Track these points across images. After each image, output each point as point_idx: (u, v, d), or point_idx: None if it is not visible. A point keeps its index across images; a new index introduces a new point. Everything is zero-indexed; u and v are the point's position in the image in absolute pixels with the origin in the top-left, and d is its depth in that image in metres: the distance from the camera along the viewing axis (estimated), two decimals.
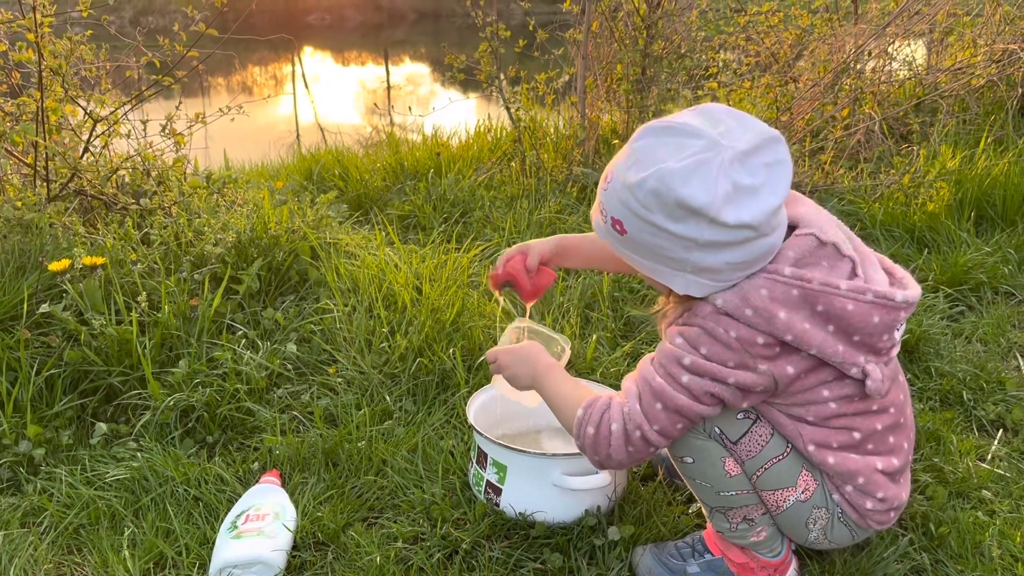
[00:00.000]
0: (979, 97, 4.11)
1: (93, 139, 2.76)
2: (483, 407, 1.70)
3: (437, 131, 4.56)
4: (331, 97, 10.14)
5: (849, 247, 1.17)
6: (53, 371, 1.94)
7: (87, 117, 2.73)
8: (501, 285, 1.55)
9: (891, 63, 4.23)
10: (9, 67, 2.67)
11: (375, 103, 8.34)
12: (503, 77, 3.75)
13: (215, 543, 1.49)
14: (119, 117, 2.76)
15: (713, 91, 3.97)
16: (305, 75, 12.02)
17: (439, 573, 1.43)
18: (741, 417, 1.23)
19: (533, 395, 1.49)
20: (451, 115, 4.37)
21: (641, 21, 3.51)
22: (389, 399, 1.98)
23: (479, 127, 4.52)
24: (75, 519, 1.61)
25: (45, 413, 1.89)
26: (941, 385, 2.03)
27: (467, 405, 1.68)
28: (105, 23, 2.79)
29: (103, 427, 1.86)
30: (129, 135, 2.86)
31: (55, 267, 2.10)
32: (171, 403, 1.87)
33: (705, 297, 1.16)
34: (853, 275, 1.16)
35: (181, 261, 2.39)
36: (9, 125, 2.51)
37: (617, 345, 2.22)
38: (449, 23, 22.18)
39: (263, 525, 1.48)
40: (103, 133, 2.77)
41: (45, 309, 2.02)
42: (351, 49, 18.32)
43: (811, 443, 1.22)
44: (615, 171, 1.14)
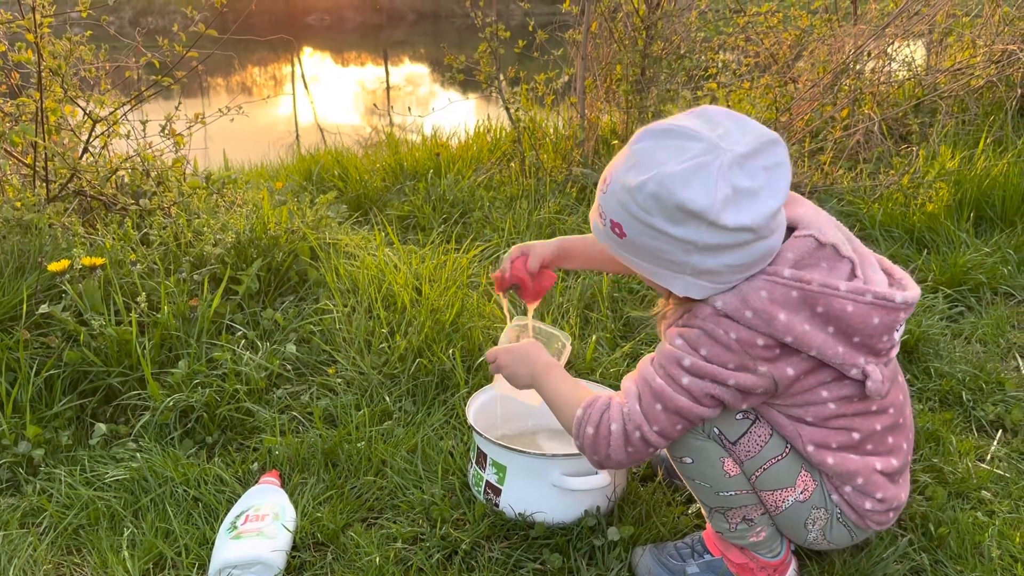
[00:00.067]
0: (978, 98, 4.11)
1: (92, 139, 2.76)
2: (483, 408, 1.70)
3: (436, 132, 4.56)
4: (330, 98, 10.15)
5: (848, 248, 1.17)
6: (52, 372, 1.94)
7: (86, 117, 2.73)
8: (507, 288, 1.56)
9: (890, 64, 4.23)
10: (8, 67, 2.67)
11: (374, 103, 8.34)
12: (502, 78, 3.75)
13: (214, 543, 1.49)
14: (118, 117, 2.76)
15: (712, 92, 3.97)
16: (304, 76, 12.03)
17: (438, 573, 1.44)
18: (740, 417, 1.23)
19: (534, 394, 1.49)
20: (450, 116, 4.37)
21: (640, 22, 3.51)
22: (389, 399, 1.98)
23: (478, 128, 4.52)
24: (74, 519, 1.61)
25: (44, 414, 1.89)
26: (940, 386, 2.03)
27: (467, 406, 1.68)
28: (104, 23, 2.79)
29: (102, 428, 1.86)
30: (128, 135, 2.86)
31: (54, 267, 2.10)
32: (170, 403, 1.87)
33: (705, 299, 1.16)
34: (852, 276, 1.16)
35: (180, 261, 2.39)
36: (8, 126, 2.51)
37: (616, 346, 2.22)
38: (448, 24, 22.19)
39: (262, 526, 1.48)
40: (102, 133, 2.77)
41: (44, 310, 2.02)
42: (350, 50, 18.33)
43: (810, 443, 1.22)
44: (614, 174, 1.14)
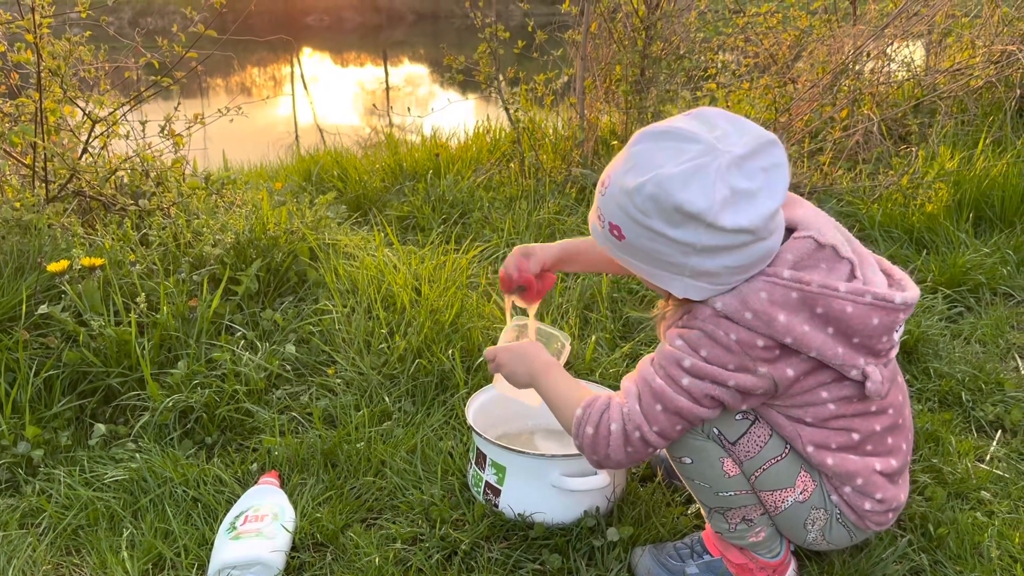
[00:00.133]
0: (977, 98, 4.11)
1: (92, 140, 2.76)
2: (482, 408, 1.70)
3: (436, 132, 4.56)
4: (330, 98, 10.15)
5: (848, 249, 1.17)
6: (52, 372, 1.94)
7: (86, 118, 2.73)
8: (512, 289, 1.56)
9: (890, 64, 4.23)
10: (8, 68, 2.67)
11: (374, 104, 8.34)
12: (502, 78, 3.75)
13: (214, 544, 1.49)
14: (118, 118, 2.76)
15: (712, 92, 3.97)
16: (304, 76, 12.03)
17: (438, 574, 1.44)
18: (740, 418, 1.23)
19: (535, 395, 1.49)
20: (450, 116, 4.37)
21: (640, 22, 3.51)
22: (388, 400, 1.98)
23: (478, 128, 4.52)
24: (74, 520, 1.61)
25: (44, 414, 1.89)
26: (940, 386, 2.03)
27: (466, 406, 1.68)
28: (104, 24, 2.78)
29: (102, 428, 1.86)
30: (128, 136, 2.86)
31: (54, 268, 2.10)
32: (170, 404, 1.87)
33: (704, 300, 1.16)
34: (852, 277, 1.16)
35: (180, 262, 2.39)
36: (8, 126, 2.51)
37: (616, 346, 2.22)
38: (448, 24, 22.20)
39: (262, 526, 1.48)
40: (102, 134, 2.77)
41: (44, 310, 2.02)
42: (350, 50, 18.33)
43: (810, 444, 1.22)
44: (612, 176, 1.14)
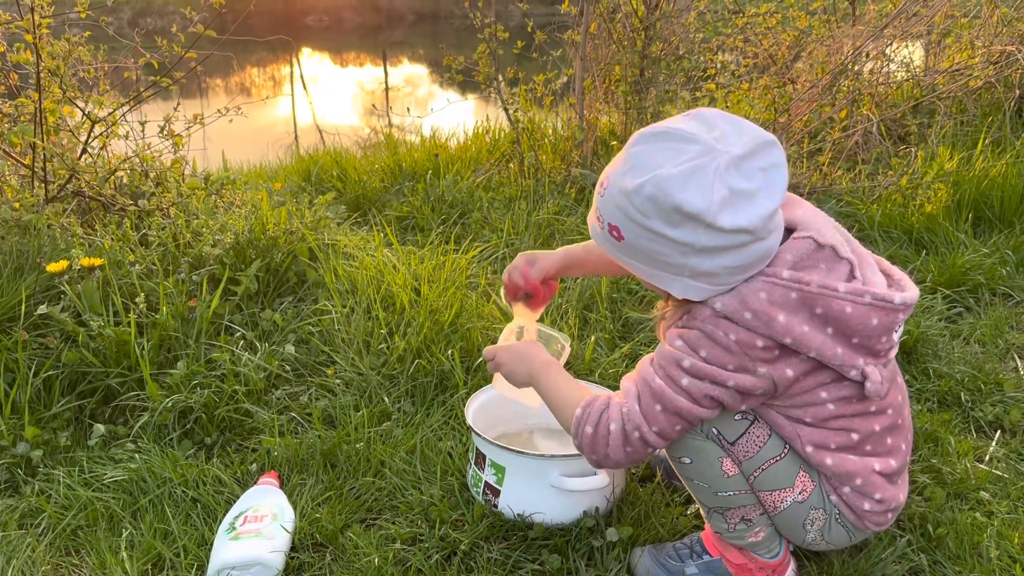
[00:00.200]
0: (977, 99, 4.11)
1: (91, 140, 2.76)
2: (482, 408, 1.70)
3: (435, 132, 4.56)
4: (329, 98, 10.15)
5: (847, 249, 1.17)
6: (51, 372, 1.94)
7: (85, 118, 2.73)
8: (519, 297, 1.57)
9: (889, 65, 4.23)
10: (7, 68, 2.67)
11: (373, 104, 8.34)
12: (501, 78, 3.75)
13: (213, 544, 1.49)
14: (117, 118, 2.76)
15: (711, 92, 3.98)
16: (303, 76, 12.03)
17: (437, 574, 1.43)
18: (739, 418, 1.23)
19: (535, 396, 1.49)
20: (449, 116, 4.37)
21: (639, 23, 3.51)
22: (387, 400, 1.98)
23: (477, 128, 4.52)
24: (73, 520, 1.61)
25: (43, 414, 1.89)
26: (939, 386, 2.03)
27: (465, 406, 1.68)
28: (103, 24, 2.78)
29: (101, 428, 1.86)
30: (127, 136, 2.86)
31: (53, 268, 2.10)
32: (169, 404, 1.87)
33: (704, 300, 1.16)
34: (851, 277, 1.16)
35: (179, 262, 2.39)
36: (7, 126, 2.51)
37: (615, 346, 2.22)
38: (447, 24, 22.20)
39: (261, 526, 1.48)
40: (101, 134, 2.77)
41: (43, 310, 2.02)
42: (349, 50, 18.33)
43: (809, 444, 1.22)
44: (611, 177, 1.14)
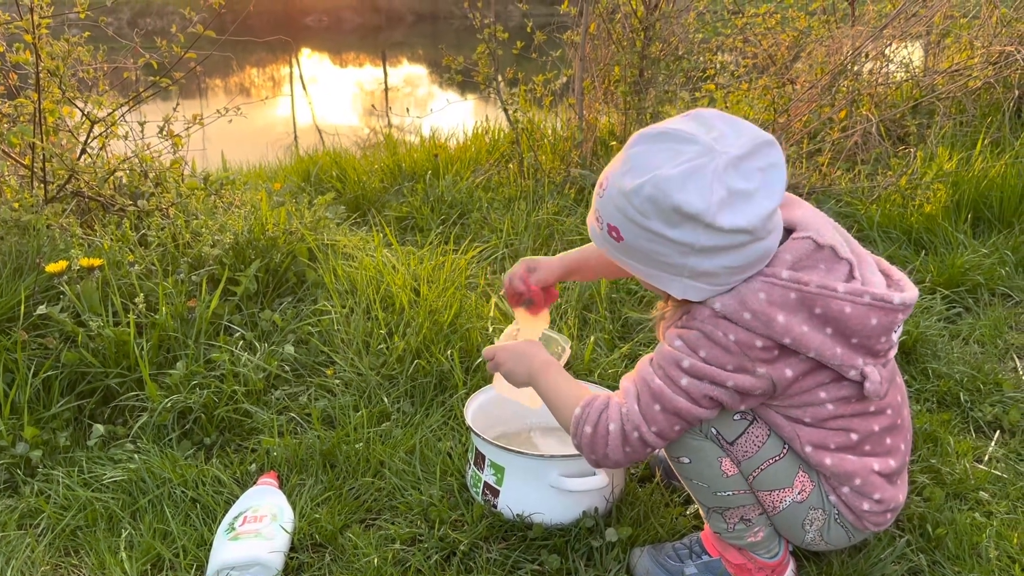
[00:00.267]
0: (976, 99, 4.11)
1: (90, 140, 2.76)
2: (481, 408, 1.70)
3: (435, 133, 4.56)
4: (329, 99, 10.14)
5: (846, 249, 1.18)
6: (50, 373, 1.94)
7: (84, 118, 2.73)
8: (521, 303, 1.59)
9: (888, 65, 4.23)
10: (6, 68, 2.67)
11: (373, 105, 8.33)
12: (501, 79, 3.75)
13: (212, 545, 1.49)
14: (116, 118, 2.76)
15: (711, 93, 3.98)
16: (303, 77, 12.03)
17: (437, 575, 1.43)
18: (738, 418, 1.23)
19: (534, 396, 1.49)
20: (449, 117, 4.37)
21: (639, 23, 3.51)
22: (387, 400, 1.98)
23: (477, 129, 4.52)
24: (72, 521, 1.61)
25: (42, 415, 1.89)
26: (938, 386, 2.03)
27: (465, 407, 1.68)
28: (103, 24, 2.78)
29: (100, 429, 1.86)
30: (127, 136, 2.86)
31: (52, 269, 2.10)
32: (168, 405, 1.87)
33: (703, 301, 1.16)
34: (851, 277, 1.16)
35: (179, 263, 2.39)
36: (6, 127, 2.51)
37: (615, 347, 2.22)
38: (447, 25, 22.20)
39: (261, 527, 1.48)
40: (100, 134, 2.77)
41: (42, 311, 2.02)
42: (349, 51, 18.33)
43: (808, 444, 1.22)
44: (610, 178, 1.14)
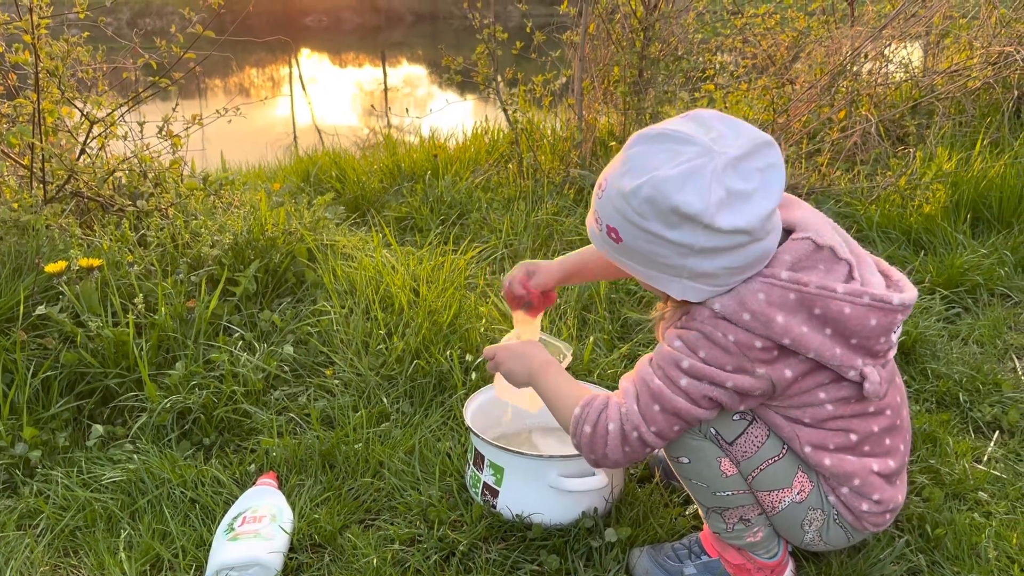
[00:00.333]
0: (975, 99, 4.11)
1: (90, 141, 2.75)
2: (480, 409, 1.70)
3: (434, 133, 4.56)
4: (328, 99, 10.14)
5: (846, 250, 1.18)
6: (49, 373, 1.94)
7: (84, 119, 2.72)
8: (520, 306, 1.60)
9: (887, 65, 4.23)
10: (5, 69, 2.67)
11: (372, 105, 8.34)
12: (500, 79, 3.75)
13: (212, 545, 1.49)
14: (116, 119, 2.75)
15: (710, 93, 3.98)
16: (302, 77, 12.03)
17: (436, 575, 1.43)
18: (737, 418, 1.23)
19: (533, 400, 1.49)
20: (448, 117, 4.37)
21: (638, 23, 3.51)
22: (386, 401, 1.98)
23: (476, 129, 4.52)
24: (71, 521, 1.61)
25: (41, 415, 1.89)
26: (937, 387, 2.03)
27: (464, 407, 1.68)
28: (102, 25, 2.78)
29: (99, 429, 1.86)
30: (126, 137, 2.85)
31: (51, 269, 2.09)
32: (168, 405, 1.87)
33: (703, 301, 1.16)
34: (850, 278, 1.16)
35: (178, 263, 2.39)
36: (5, 127, 2.51)
37: (614, 347, 2.22)
38: (446, 25, 22.20)
39: (260, 527, 1.48)
40: (100, 135, 2.77)
41: (41, 311, 2.01)
42: (348, 51, 18.33)
43: (807, 445, 1.22)
44: (609, 179, 1.14)
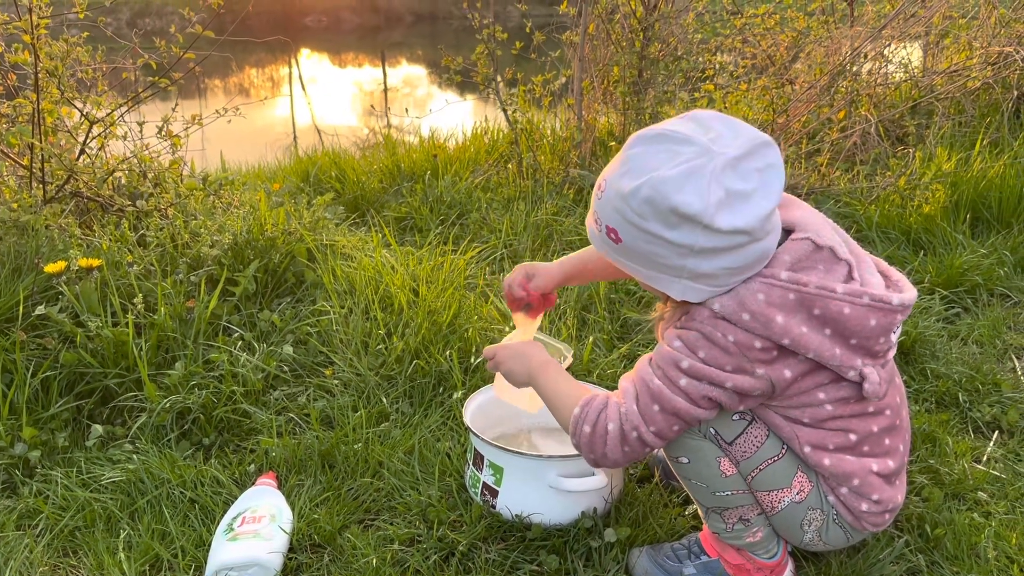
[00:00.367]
0: (975, 99, 4.12)
1: (89, 141, 2.75)
2: (480, 409, 1.70)
3: (434, 133, 4.56)
4: (328, 99, 10.14)
5: (845, 250, 1.18)
6: (49, 373, 1.94)
7: (83, 119, 2.72)
8: (521, 308, 1.60)
9: (887, 65, 4.23)
10: (5, 69, 2.67)
11: (372, 105, 8.34)
12: (500, 79, 3.75)
13: (211, 545, 1.49)
14: (115, 119, 2.75)
15: (709, 93, 3.98)
16: (302, 77, 12.03)
17: (435, 575, 1.43)
18: (737, 418, 1.23)
19: (533, 401, 1.49)
20: (448, 117, 4.37)
21: (638, 23, 3.51)
22: (386, 401, 1.98)
23: (476, 129, 4.52)
24: (71, 521, 1.61)
25: (41, 415, 1.89)
26: (937, 387, 2.03)
27: (463, 407, 1.68)
28: (102, 25, 2.78)
29: (99, 429, 1.86)
30: (125, 137, 2.85)
31: (51, 269, 2.09)
32: (167, 405, 1.87)
33: (702, 302, 1.16)
34: (849, 278, 1.16)
35: (177, 263, 2.39)
36: (5, 127, 2.51)
37: (614, 347, 2.22)
38: (446, 25, 22.20)
39: (259, 527, 1.48)
40: (99, 135, 2.77)
41: (41, 311, 2.01)
42: (348, 51, 18.34)
43: (807, 445, 1.22)
44: (608, 180, 1.14)
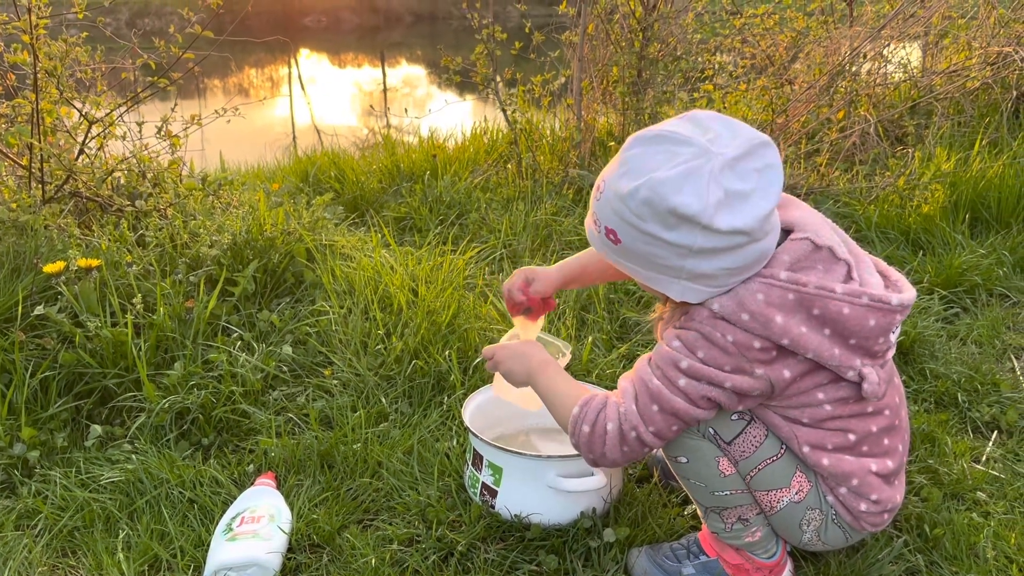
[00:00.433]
0: (974, 99, 4.12)
1: (88, 141, 2.75)
2: (479, 409, 1.70)
3: (433, 133, 4.57)
4: (327, 99, 10.14)
5: (844, 250, 1.18)
6: (48, 373, 1.93)
7: (82, 119, 2.72)
8: (521, 311, 1.61)
9: (886, 65, 4.24)
10: (4, 69, 2.66)
11: (371, 105, 8.34)
12: (499, 79, 3.75)
13: (210, 545, 1.49)
14: (115, 119, 2.75)
15: (709, 93, 3.98)
16: (301, 77, 12.03)
17: (434, 575, 1.43)
18: (735, 418, 1.23)
19: (532, 400, 1.49)
20: (447, 117, 4.38)
21: (637, 23, 3.51)
22: (385, 401, 1.98)
23: (475, 129, 4.52)
24: (70, 521, 1.61)
25: (40, 415, 1.89)
26: (936, 387, 2.04)
27: (463, 407, 1.68)
28: (101, 25, 2.78)
29: (98, 429, 1.86)
30: (125, 137, 2.85)
31: (50, 269, 2.09)
32: (166, 405, 1.87)
33: (702, 302, 1.16)
34: (848, 278, 1.16)
35: (176, 263, 2.39)
36: (4, 127, 2.51)
37: (613, 347, 2.22)
38: (445, 25, 22.20)
39: (258, 527, 1.48)
40: (99, 135, 2.77)
41: (40, 311, 2.01)
42: (347, 51, 18.33)
43: (806, 444, 1.22)
44: (607, 181, 1.14)
